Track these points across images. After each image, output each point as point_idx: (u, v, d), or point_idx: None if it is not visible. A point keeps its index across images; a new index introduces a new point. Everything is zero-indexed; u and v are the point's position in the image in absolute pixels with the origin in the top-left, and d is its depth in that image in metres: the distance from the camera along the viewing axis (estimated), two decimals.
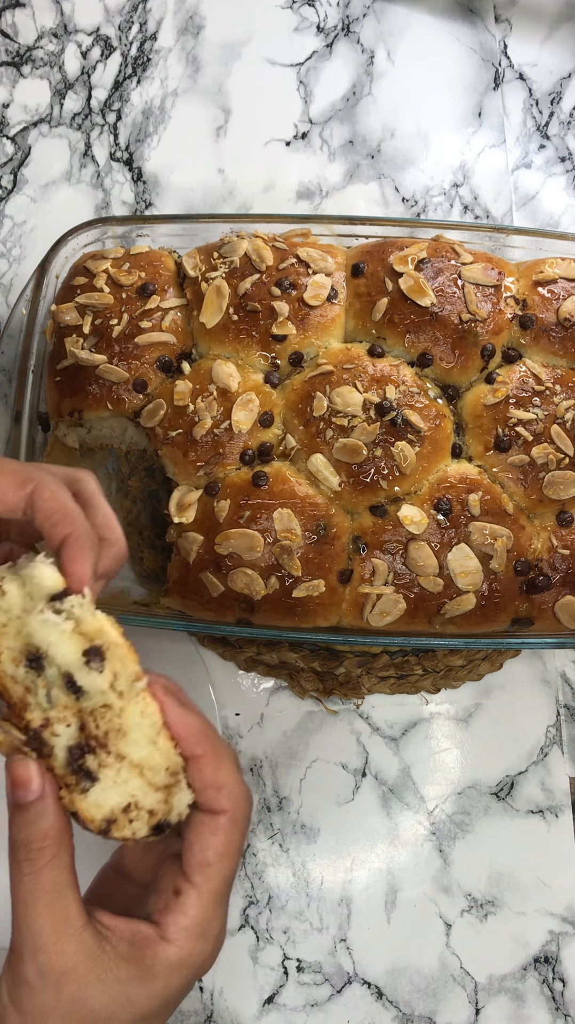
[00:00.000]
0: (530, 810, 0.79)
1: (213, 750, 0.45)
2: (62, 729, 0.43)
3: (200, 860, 0.45)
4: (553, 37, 1.00)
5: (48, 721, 0.43)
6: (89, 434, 0.76)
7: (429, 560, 0.68)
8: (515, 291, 0.75)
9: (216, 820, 0.45)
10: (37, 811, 0.44)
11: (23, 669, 0.43)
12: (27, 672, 0.43)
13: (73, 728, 0.43)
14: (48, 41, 0.96)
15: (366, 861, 0.77)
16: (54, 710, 0.43)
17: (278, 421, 0.73)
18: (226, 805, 0.45)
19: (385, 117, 0.97)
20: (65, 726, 0.43)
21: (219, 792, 0.45)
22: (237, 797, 0.46)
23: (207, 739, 0.45)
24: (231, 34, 0.98)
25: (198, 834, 0.45)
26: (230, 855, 0.46)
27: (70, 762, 0.43)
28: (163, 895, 0.46)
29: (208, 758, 0.45)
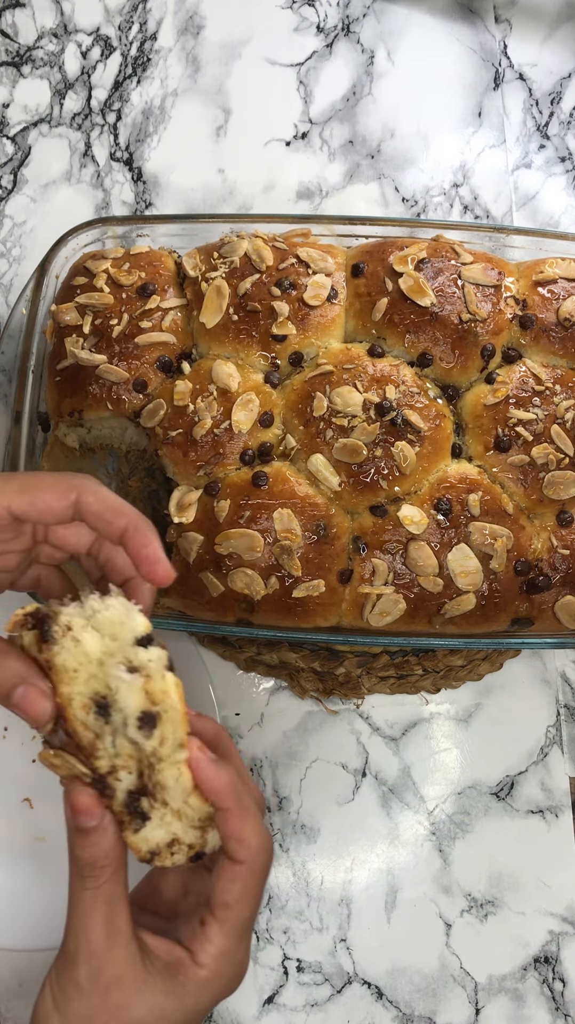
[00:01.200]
0: (530, 810, 0.79)
1: (238, 805, 0.49)
2: (124, 775, 0.47)
3: (221, 901, 0.49)
4: (553, 37, 1.00)
5: (114, 768, 0.46)
6: (89, 434, 0.76)
7: (429, 560, 0.68)
8: (515, 291, 0.75)
9: (236, 869, 0.49)
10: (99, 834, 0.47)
11: (92, 716, 0.46)
12: (96, 719, 0.46)
13: (134, 775, 0.47)
14: (48, 41, 0.96)
15: (366, 861, 0.77)
16: (119, 758, 0.46)
17: (278, 421, 0.73)
18: (243, 857, 0.49)
19: (385, 117, 0.97)
20: (128, 772, 0.46)
21: (240, 844, 0.49)
22: (255, 850, 0.49)
23: (233, 795, 0.49)
24: (231, 34, 0.98)
25: (220, 878, 0.50)
26: (248, 900, 0.49)
27: (128, 804, 0.47)
28: (192, 925, 0.50)
29: (232, 812, 0.48)
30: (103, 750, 0.46)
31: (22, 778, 0.76)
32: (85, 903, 0.47)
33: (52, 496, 0.50)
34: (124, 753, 0.46)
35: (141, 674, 0.46)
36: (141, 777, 0.47)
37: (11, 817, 0.75)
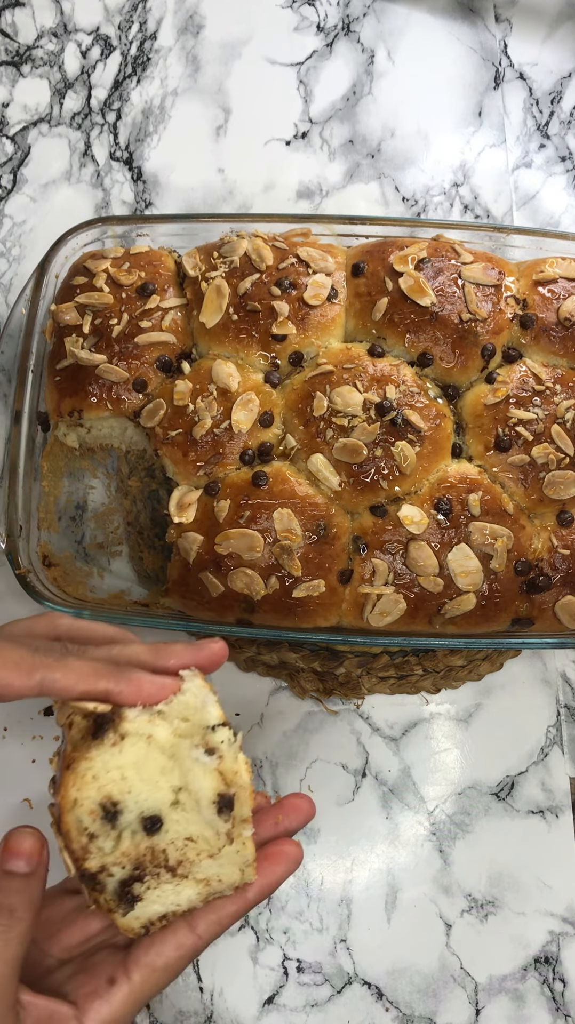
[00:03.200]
0: (530, 810, 0.78)
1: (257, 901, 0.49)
2: (117, 871, 0.46)
3: (148, 962, 0.47)
4: (553, 36, 1.00)
5: (104, 867, 0.46)
6: (89, 434, 0.76)
7: (429, 560, 0.68)
8: (515, 291, 0.75)
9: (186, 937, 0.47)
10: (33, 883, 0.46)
11: (99, 821, 0.46)
12: (102, 824, 0.46)
13: (128, 868, 0.47)
14: (48, 40, 0.96)
15: (366, 861, 0.77)
16: (111, 856, 0.46)
17: (278, 421, 0.72)
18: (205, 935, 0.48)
19: (385, 117, 0.96)
20: (120, 868, 0.46)
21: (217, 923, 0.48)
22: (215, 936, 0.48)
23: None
24: (231, 34, 0.98)
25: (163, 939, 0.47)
26: (172, 972, 0.47)
27: (119, 893, 0.47)
28: (94, 979, 0.47)
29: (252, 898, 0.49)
30: (96, 851, 0.46)
31: (22, 778, 0.76)
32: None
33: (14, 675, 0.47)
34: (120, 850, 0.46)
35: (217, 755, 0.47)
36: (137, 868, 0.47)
37: (11, 817, 0.75)
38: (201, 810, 0.47)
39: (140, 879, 0.47)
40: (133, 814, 0.46)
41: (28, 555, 0.73)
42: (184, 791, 0.47)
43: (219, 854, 0.48)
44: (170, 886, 0.47)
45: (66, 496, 0.81)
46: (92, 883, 0.46)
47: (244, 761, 0.48)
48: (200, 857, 0.47)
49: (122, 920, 0.47)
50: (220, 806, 0.47)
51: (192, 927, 0.48)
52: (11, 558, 0.71)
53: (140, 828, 0.46)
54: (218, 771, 0.47)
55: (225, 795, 0.47)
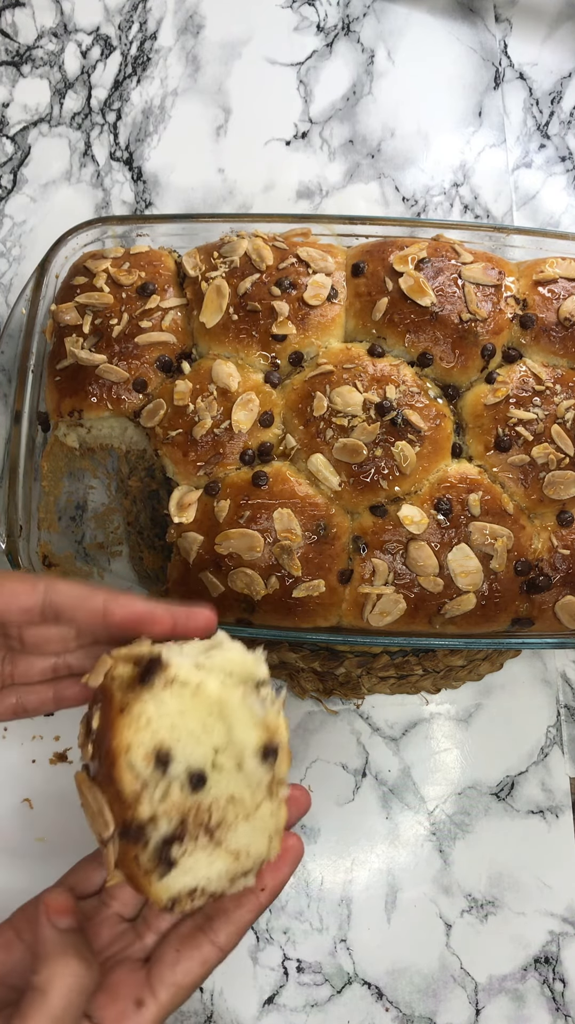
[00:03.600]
0: (530, 810, 0.78)
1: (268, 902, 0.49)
2: (164, 823, 0.45)
3: (175, 981, 0.46)
4: (553, 36, 1.00)
5: (155, 816, 0.45)
6: (89, 434, 0.76)
7: (429, 560, 0.68)
8: (515, 291, 0.75)
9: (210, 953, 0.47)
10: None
11: (151, 768, 0.45)
12: (153, 771, 0.45)
13: (174, 822, 0.45)
14: (48, 40, 0.96)
15: (366, 861, 0.77)
16: (163, 805, 0.45)
17: (278, 421, 0.72)
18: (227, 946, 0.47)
19: (385, 117, 0.96)
20: (167, 820, 0.45)
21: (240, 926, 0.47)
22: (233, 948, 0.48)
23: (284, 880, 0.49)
24: (231, 34, 0.98)
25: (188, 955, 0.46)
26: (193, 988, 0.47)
27: (159, 852, 0.45)
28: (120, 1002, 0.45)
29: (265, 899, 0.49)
30: (147, 799, 0.45)
31: (22, 778, 0.76)
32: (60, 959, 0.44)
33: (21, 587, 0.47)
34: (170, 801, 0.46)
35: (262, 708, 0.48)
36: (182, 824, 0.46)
37: (11, 817, 0.75)
38: (245, 762, 0.47)
39: (180, 839, 0.46)
40: (182, 766, 0.46)
41: (28, 555, 0.73)
42: (222, 753, 0.47)
43: (254, 815, 0.47)
44: (204, 854, 0.46)
45: (66, 496, 0.81)
46: (137, 837, 0.45)
47: (285, 720, 0.48)
48: (237, 819, 0.47)
49: (156, 886, 0.45)
50: (265, 754, 0.47)
51: (213, 941, 0.47)
52: (11, 558, 0.71)
53: (187, 782, 0.46)
54: (263, 724, 0.48)
55: (270, 745, 0.47)
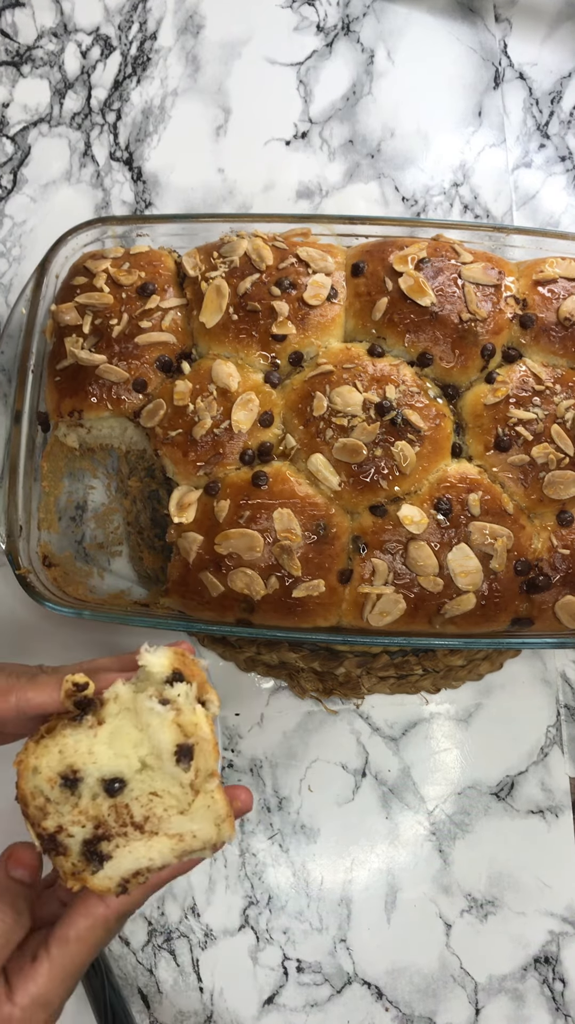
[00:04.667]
0: (530, 810, 0.78)
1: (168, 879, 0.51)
2: (76, 830, 0.48)
3: (62, 935, 0.48)
4: (553, 36, 1.00)
5: (61, 827, 0.48)
6: (89, 434, 0.76)
7: (429, 560, 0.68)
8: (515, 291, 0.75)
9: (95, 907, 0.48)
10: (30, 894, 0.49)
11: (56, 788, 0.48)
12: (60, 790, 0.48)
13: (88, 827, 0.48)
14: (48, 41, 0.96)
15: (366, 861, 0.77)
16: (69, 815, 0.48)
17: (278, 421, 0.72)
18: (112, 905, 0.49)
19: (385, 117, 0.96)
20: (80, 827, 0.48)
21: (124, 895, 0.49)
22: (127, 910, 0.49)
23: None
24: (231, 34, 0.98)
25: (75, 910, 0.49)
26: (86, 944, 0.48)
27: (85, 853, 0.48)
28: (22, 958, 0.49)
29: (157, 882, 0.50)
30: (53, 812, 0.48)
31: None
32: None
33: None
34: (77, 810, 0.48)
35: (172, 707, 0.49)
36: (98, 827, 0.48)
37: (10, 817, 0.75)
38: (163, 763, 0.48)
39: (107, 838, 0.48)
40: (93, 778, 0.48)
41: (28, 555, 0.73)
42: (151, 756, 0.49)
43: (189, 809, 0.48)
44: (140, 843, 0.48)
45: (66, 496, 0.81)
46: (54, 847, 0.48)
47: (204, 714, 0.49)
48: (169, 813, 0.48)
49: (94, 881, 0.48)
50: (179, 756, 0.48)
51: (102, 897, 0.49)
52: (11, 558, 0.71)
53: (101, 790, 0.48)
54: (176, 723, 0.48)
55: (184, 745, 0.48)
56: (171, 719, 0.48)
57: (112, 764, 0.48)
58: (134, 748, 0.49)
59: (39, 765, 0.48)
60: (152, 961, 0.75)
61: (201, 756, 0.48)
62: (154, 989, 0.75)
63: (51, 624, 0.79)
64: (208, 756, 0.48)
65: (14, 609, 0.79)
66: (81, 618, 0.71)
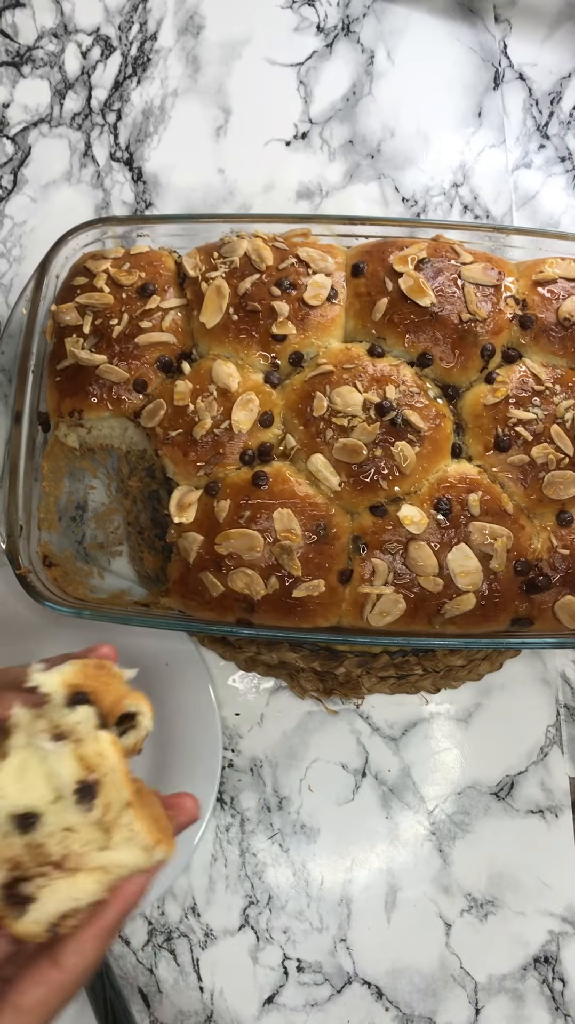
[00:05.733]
0: (530, 810, 0.79)
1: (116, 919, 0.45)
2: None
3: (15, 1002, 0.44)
4: (553, 37, 1.00)
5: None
6: (89, 434, 0.76)
7: (429, 560, 0.68)
8: (515, 291, 0.75)
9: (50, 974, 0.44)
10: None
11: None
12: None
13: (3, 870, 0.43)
14: (48, 41, 0.96)
15: (366, 861, 0.77)
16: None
17: (278, 421, 0.73)
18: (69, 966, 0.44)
19: (385, 117, 0.97)
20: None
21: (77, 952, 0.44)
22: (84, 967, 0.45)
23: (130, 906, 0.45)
24: (231, 34, 0.98)
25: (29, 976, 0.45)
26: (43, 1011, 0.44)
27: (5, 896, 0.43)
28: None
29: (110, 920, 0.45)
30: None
31: None
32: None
33: None
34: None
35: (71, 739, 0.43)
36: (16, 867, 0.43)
37: None
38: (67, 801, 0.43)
39: (26, 879, 0.43)
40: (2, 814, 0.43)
41: (28, 555, 0.73)
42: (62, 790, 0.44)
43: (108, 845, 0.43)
44: (63, 882, 0.43)
45: (66, 496, 0.81)
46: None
47: (109, 740, 0.43)
48: (87, 848, 0.43)
49: (19, 927, 0.43)
50: (80, 795, 0.43)
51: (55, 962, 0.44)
52: (11, 558, 0.71)
53: (12, 828, 0.43)
54: (78, 756, 0.43)
55: (84, 782, 0.43)
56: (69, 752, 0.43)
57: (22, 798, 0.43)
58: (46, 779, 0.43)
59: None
60: (152, 961, 0.75)
61: (111, 789, 0.43)
62: (154, 989, 0.75)
63: (51, 624, 0.79)
64: (119, 787, 0.43)
65: (14, 609, 0.79)
66: (81, 618, 0.71)
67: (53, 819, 0.43)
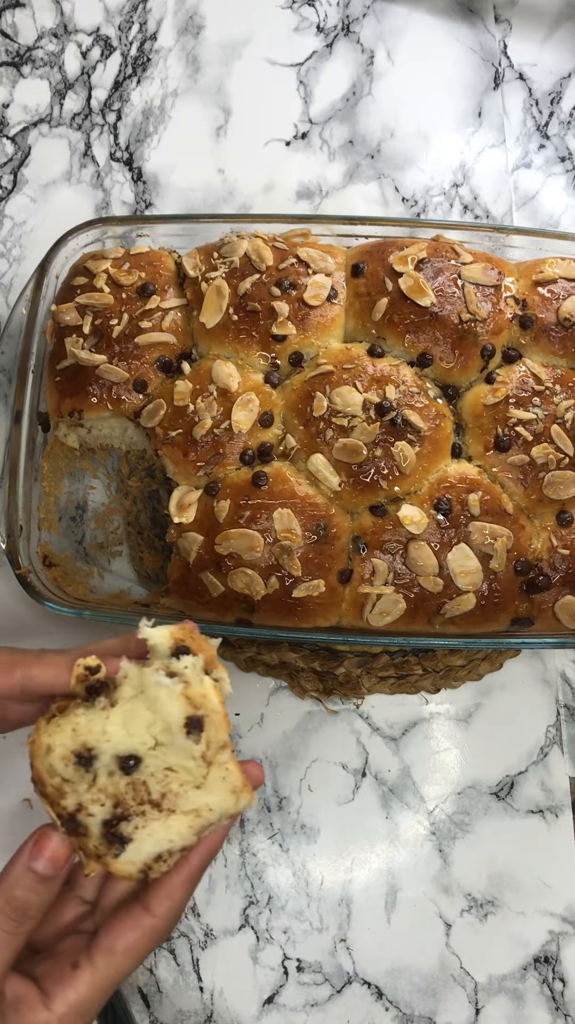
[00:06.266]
0: (530, 810, 0.79)
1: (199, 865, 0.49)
2: (96, 808, 0.47)
3: (107, 946, 0.47)
4: (553, 37, 1.00)
5: (80, 806, 0.47)
6: (89, 434, 0.76)
7: (429, 560, 0.68)
8: (515, 291, 0.75)
9: (142, 919, 0.47)
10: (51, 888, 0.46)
11: (71, 766, 0.47)
12: (75, 768, 0.47)
13: (108, 805, 0.47)
14: (48, 41, 0.96)
15: (366, 861, 0.77)
16: (88, 793, 0.47)
17: (278, 421, 0.73)
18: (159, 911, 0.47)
19: (385, 117, 0.97)
20: (99, 806, 0.47)
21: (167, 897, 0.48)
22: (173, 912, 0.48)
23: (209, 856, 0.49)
24: (231, 34, 0.98)
25: (121, 921, 0.47)
26: (133, 956, 0.47)
27: (105, 834, 0.47)
28: (60, 964, 0.47)
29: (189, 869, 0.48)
30: (71, 792, 0.47)
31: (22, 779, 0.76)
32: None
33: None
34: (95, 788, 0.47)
35: (179, 679, 0.48)
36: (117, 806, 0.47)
37: (11, 817, 0.75)
38: (174, 737, 0.47)
39: (126, 818, 0.47)
40: (108, 755, 0.47)
41: (28, 555, 0.73)
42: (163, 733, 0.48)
43: (204, 783, 0.48)
44: (159, 823, 0.47)
45: (66, 496, 0.81)
46: (75, 827, 0.47)
47: (212, 685, 0.48)
48: (184, 788, 0.48)
49: (116, 865, 0.47)
50: (189, 728, 0.47)
51: (147, 907, 0.48)
52: (11, 558, 0.71)
53: (117, 768, 0.47)
54: (185, 696, 0.47)
55: (193, 717, 0.47)
56: (179, 692, 0.47)
57: (126, 743, 0.48)
58: (147, 728, 0.48)
59: (52, 744, 0.47)
60: (152, 960, 0.75)
61: (212, 728, 0.48)
62: (154, 988, 0.75)
63: (51, 624, 0.79)
64: (219, 728, 0.48)
65: (14, 609, 0.79)
66: (81, 618, 0.71)
67: (154, 761, 0.48)
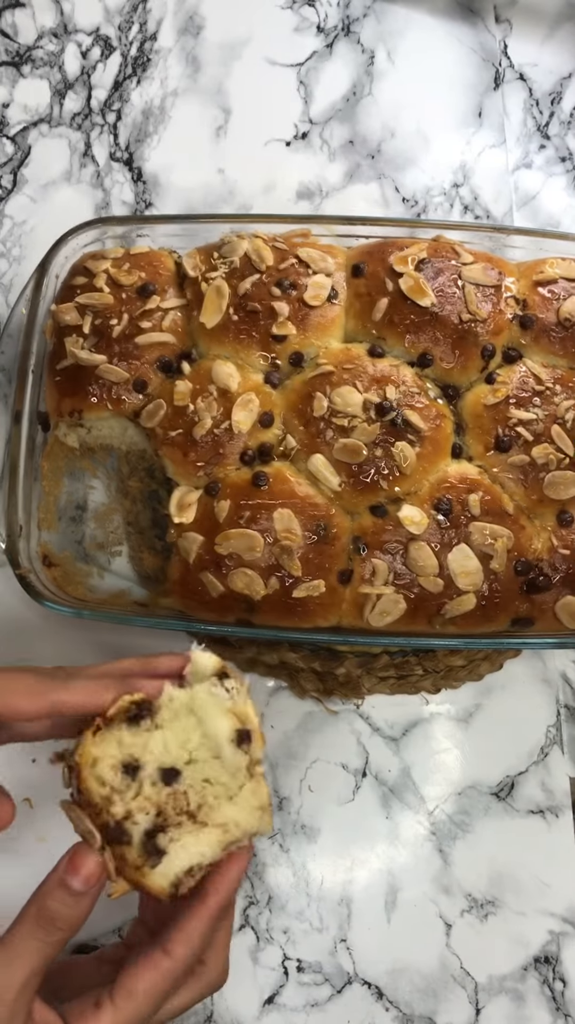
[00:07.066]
0: (530, 810, 0.79)
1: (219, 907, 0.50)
2: (141, 817, 0.49)
3: (126, 986, 0.47)
4: (553, 37, 1.00)
5: (130, 813, 0.49)
6: (89, 434, 0.76)
7: (429, 560, 0.68)
8: (515, 291, 0.75)
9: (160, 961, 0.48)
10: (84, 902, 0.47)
11: (119, 776, 0.49)
12: (122, 778, 0.49)
13: (151, 814, 0.49)
14: (48, 41, 0.96)
15: (366, 861, 0.77)
16: (135, 801, 0.49)
17: (278, 421, 0.73)
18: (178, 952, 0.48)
19: (385, 117, 0.97)
20: (145, 814, 0.49)
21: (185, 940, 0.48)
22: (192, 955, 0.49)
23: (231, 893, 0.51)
24: (231, 34, 0.98)
25: (139, 962, 0.48)
26: (153, 997, 0.48)
27: (145, 844, 0.49)
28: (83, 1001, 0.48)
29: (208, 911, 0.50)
30: (119, 800, 0.49)
31: (22, 778, 0.76)
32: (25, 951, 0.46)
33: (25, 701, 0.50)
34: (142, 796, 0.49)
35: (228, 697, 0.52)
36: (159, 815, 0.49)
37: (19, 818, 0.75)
38: (221, 749, 0.51)
39: (163, 829, 0.49)
40: (152, 767, 0.50)
41: (28, 555, 0.73)
42: (199, 749, 0.51)
43: (237, 795, 0.51)
44: (192, 835, 0.49)
45: (66, 496, 0.81)
46: (119, 835, 0.48)
47: (252, 706, 0.52)
48: (219, 800, 0.51)
49: (152, 877, 0.48)
50: (239, 740, 0.51)
51: (166, 950, 0.48)
52: (11, 558, 0.71)
53: (159, 779, 0.50)
54: (231, 712, 0.52)
55: (242, 730, 0.51)
56: (228, 707, 0.51)
57: (166, 757, 0.50)
58: (182, 746, 0.51)
59: (100, 755, 0.49)
60: None
61: (256, 742, 0.52)
62: None
63: (51, 624, 0.79)
64: (258, 745, 0.52)
65: (14, 609, 0.79)
66: (81, 618, 0.71)
67: (192, 774, 0.51)
